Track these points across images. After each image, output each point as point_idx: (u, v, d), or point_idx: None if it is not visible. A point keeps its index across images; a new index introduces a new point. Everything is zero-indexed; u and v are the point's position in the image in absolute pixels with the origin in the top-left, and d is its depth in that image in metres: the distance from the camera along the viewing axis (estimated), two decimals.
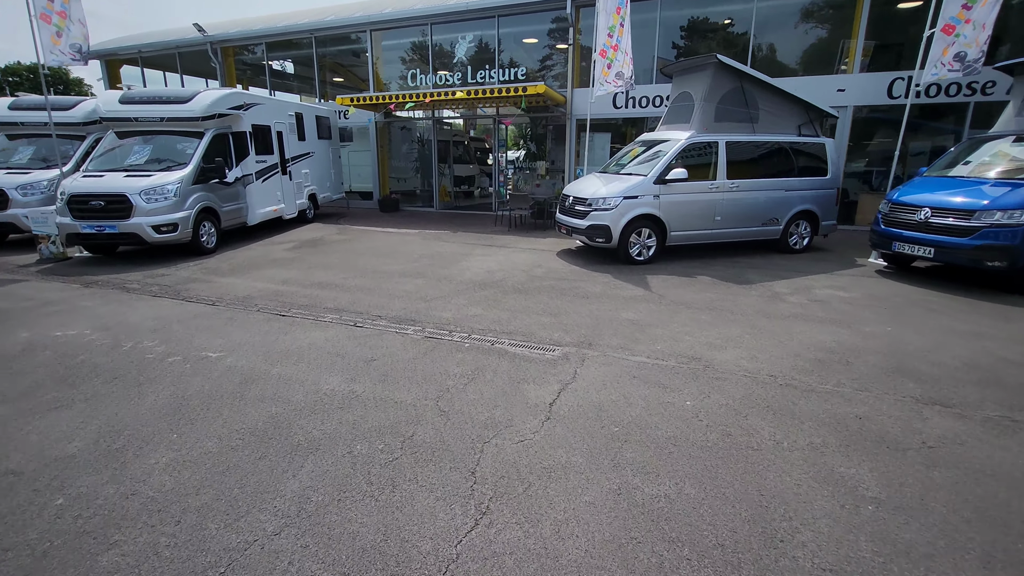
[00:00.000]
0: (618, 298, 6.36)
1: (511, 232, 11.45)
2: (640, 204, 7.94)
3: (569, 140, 13.22)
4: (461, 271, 7.77)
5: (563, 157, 14.04)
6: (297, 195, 12.17)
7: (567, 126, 13.21)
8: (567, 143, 13.27)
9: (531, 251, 9.32)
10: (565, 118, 13.16)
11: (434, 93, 12.29)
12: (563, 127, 13.86)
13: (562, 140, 14.03)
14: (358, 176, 16.74)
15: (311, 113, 12.98)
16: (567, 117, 13.11)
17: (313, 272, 7.74)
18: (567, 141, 13.26)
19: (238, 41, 16.63)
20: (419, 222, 13.17)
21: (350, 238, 10.72)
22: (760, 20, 11.78)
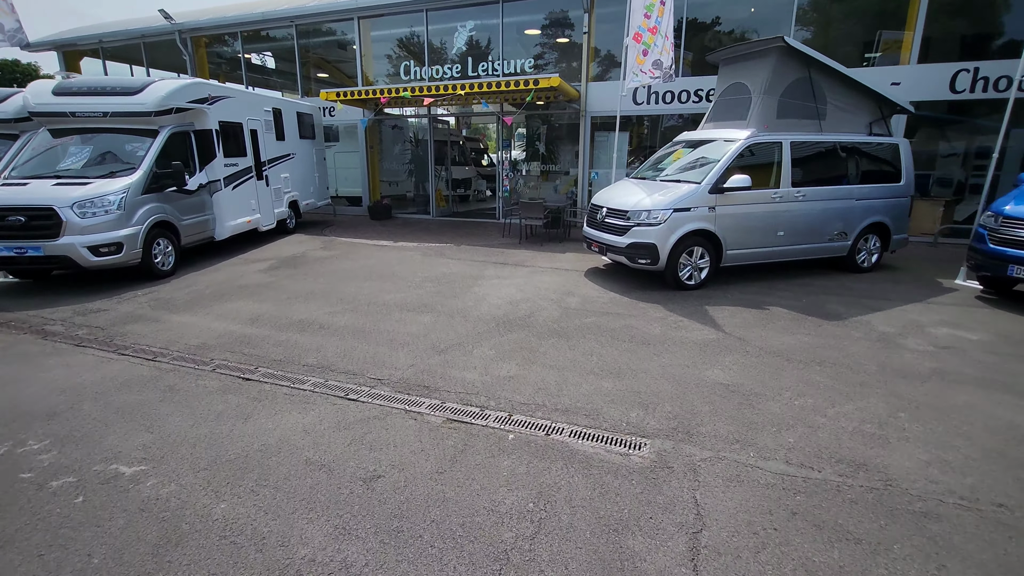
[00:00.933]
0: (688, 344, 4.86)
1: (523, 245, 9.91)
2: (693, 218, 6.46)
3: (583, 140, 11.71)
4: (476, 301, 6.22)
5: (574, 159, 12.52)
6: (275, 203, 10.48)
7: (581, 124, 11.70)
8: (581, 143, 11.76)
9: (553, 271, 7.79)
10: (579, 115, 11.64)
11: (432, 87, 10.69)
12: (575, 126, 12.34)
13: (572, 140, 12.52)
14: (345, 179, 15.05)
15: (291, 109, 11.29)
16: (581, 114, 11.59)
17: (291, 305, 6.13)
18: (581, 141, 11.75)
19: (210, 30, 14.82)
20: (415, 232, 11.56)
21: (337, 254, 9.09)
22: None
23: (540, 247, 9.69)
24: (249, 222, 9.46)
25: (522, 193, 17.92)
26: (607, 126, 12.04)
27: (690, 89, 10.74)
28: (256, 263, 8.37)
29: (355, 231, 11.62)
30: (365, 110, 13.19)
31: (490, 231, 11.60)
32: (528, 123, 13.39)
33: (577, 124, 12.38)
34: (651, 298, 6.36)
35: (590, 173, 11.98)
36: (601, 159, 12.09)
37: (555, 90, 10.64)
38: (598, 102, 11.51)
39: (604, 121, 11.91)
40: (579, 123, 11.89)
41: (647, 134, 12.44)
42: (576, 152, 12.54)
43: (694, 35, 11.12)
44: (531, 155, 12.71)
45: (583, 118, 11.65)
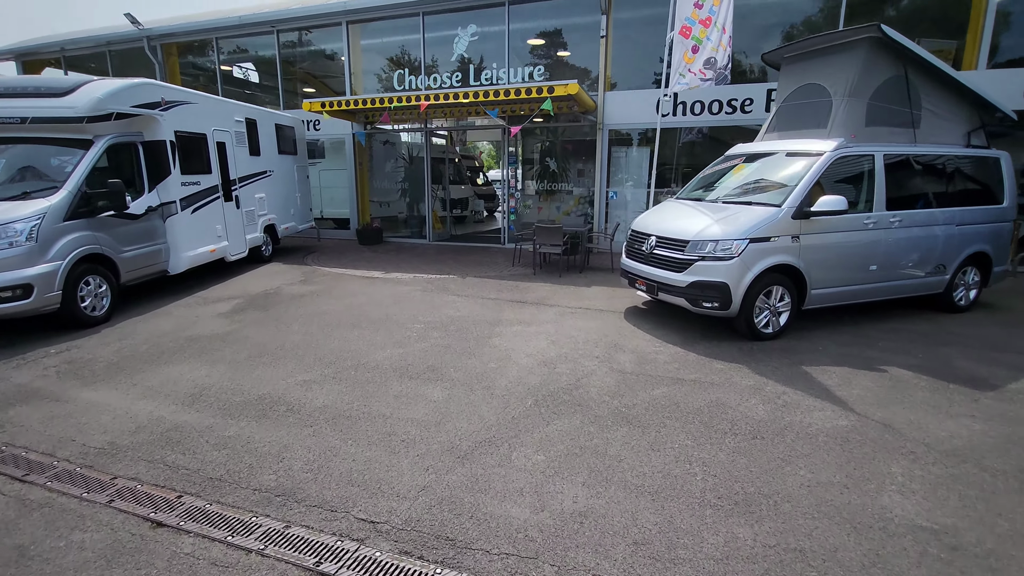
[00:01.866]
0: (817, 437, 3.35)
1: (539, 276, 8.40)
2: (773, 250, 5.01)
3: (600, 155, 10.33)
4: (500, 361, 4.67)
5: (578, 176, 11.13)
6: (247, 228, 8.88)
7: (597, 138, 10.33)
8: (598, 159, 10.38)
9: (586, 313, 6.28)
10: (596, 128, 10.28)
11: (432, 95, 9.26)
12: (584, 141, 10.98)
13: (581, 156, 11.14)
14: (331, 200, 13.49)
15: (269, 121, 9.77)
16: (598, 127, 10.24)
17: (252, 369, 4.52)
18: (598, 157, 10.37)
19: (182, 36, 13.31)
20: (411, 259, 10.00)
21: (319, 289, 7.49)
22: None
23: (559, 279, 8.19)
24: (213, 251, 7.83)
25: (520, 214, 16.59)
26: (624, 141, 10.70)
27: (722, 99, 9.44)
28: (217, 303, 6.73)
29: (341, 259, 10.03)
30: (355, 123, 11.71)
31: (496, 258, 10.09)
32: (533, 138, 12.00)
33: (588, 139, 11.04)
34: (725, 353, 4.86)
35: (607, 193, 10.58)
36: (618, 177, 10.72)
37: (572, 99, 9.27)
38: (616, 113, 10.17)
39: (623, 135, 10.58)
40: (594, 137, 10.52)
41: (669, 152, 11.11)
42: (580, 169, 11.15)
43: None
44: (540, 173, 11.28)
45: (600, 131, 10.29)
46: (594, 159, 10.61)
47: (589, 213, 10.86)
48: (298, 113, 11.74)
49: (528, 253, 10.01)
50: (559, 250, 8.33)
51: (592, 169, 10.89)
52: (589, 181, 11.20)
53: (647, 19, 10.23)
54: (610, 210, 10.70)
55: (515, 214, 11.29)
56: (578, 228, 9.00)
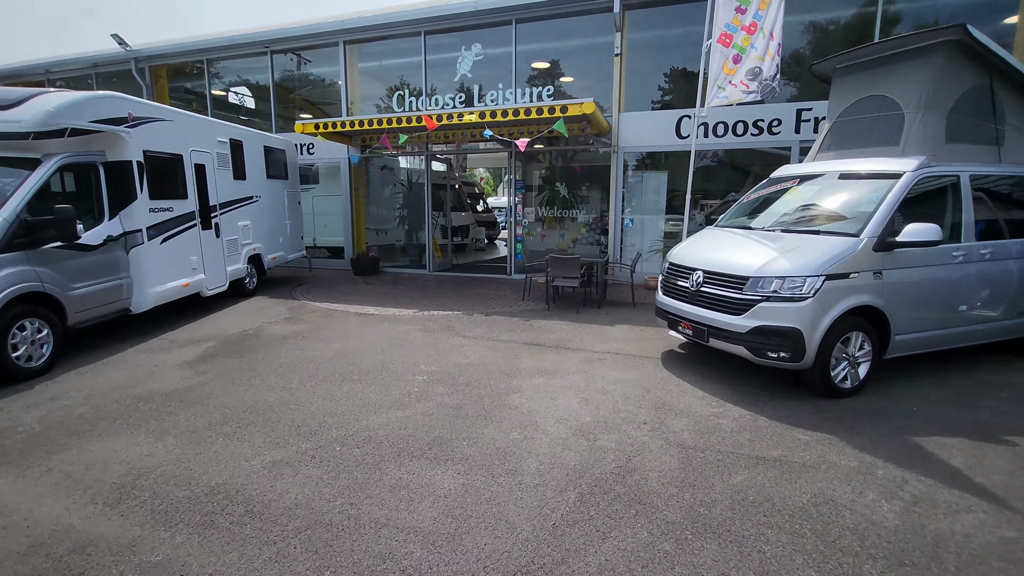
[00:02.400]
0: (989, 557, 2.37)
1: (554, 312, 7.46)
2: (854, 288, 4.11)
3: (616, 180, 9.53)
4: (524, 430, 3.68)
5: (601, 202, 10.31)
6: (228, 258, 7.94)
7: (612, 162, 9.56)
8: (613, 184, 9.57)
9: (615, 359, 5.32)
10: (611, 151, 9.51)
11: (434, 115, 8.48)
12: (602, 166, 10.22)
13: (596, 180, 10.36)
14: (325, 227, 12.60)
15: (257, 142, 8.94)
16: (612, 150, 9.47)
17: (208, 444, 3.51)
18: (613, 181, 9.57)
19: (172, 57, 12.62)
20: (410, 292, 9.06)
21: (305, 330, 6.51)
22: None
23: (577, 315, 7.25)
24: (186, 285, 6.86)
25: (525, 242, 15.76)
26: (640, 165, 9.92)
27: (747, 119, 8.71)
28: (184, 348, 5.73)
29: (334, 292, 9.07)
30: (351, 147, 10.93)
31: (503, 291, 9.15)
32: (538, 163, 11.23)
33: (600, 163, 10.29)
34: (802, 417, 3.90)
35: (623, 220, 9.74)
36: (634, 204, 9.90)
37: (586, 120, 8.52)
38: (633, 136, 9.42)
39: (641, 159, 9.81)
40: (606, 161, 9.75)
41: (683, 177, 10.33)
42: (589, 195, 10.35)
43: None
44: (550, 198, 10.46)
45: (615, 155, 9.51)
46: (605, 184, 9.81)
47: (603, 242, 10.00)
48: (292, 137, 10.96)
49: (539, 285, 9.11)
50: (576, 283, 7.41)
51: (603, 195, 10.10)
52: (601, 207, 10.39)
53: (664, 38, 9.62)
54: (626, 239, 9.84)
55: (522, 243, 10.42)
56: (594, 258, 8.11)
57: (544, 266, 7.88)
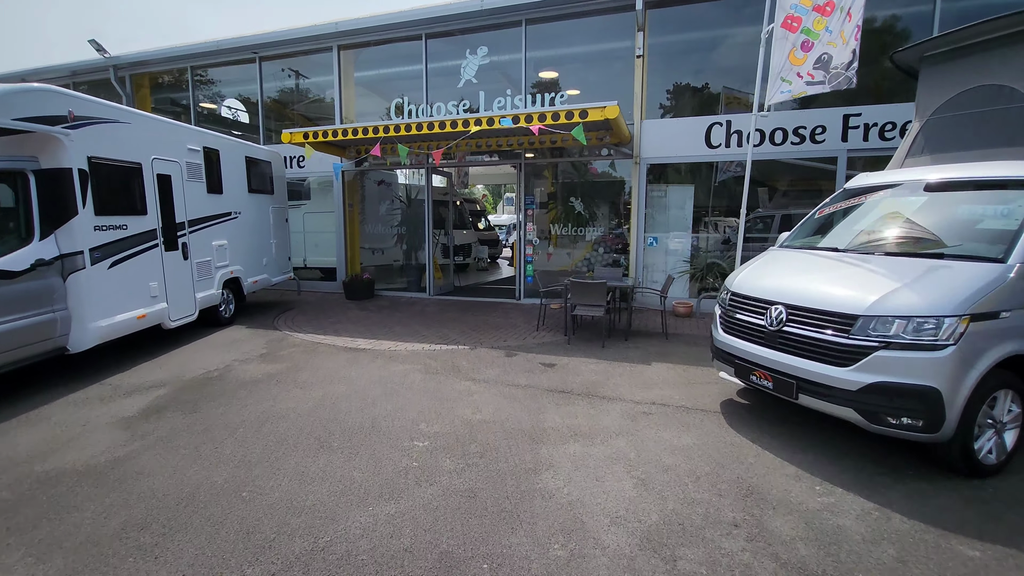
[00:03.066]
0: None
1: (576, 346, 6.36)
2: (1005, 332, 3.04)
3: (638, 195, 8.51)
4: (569, 539, 2.56)
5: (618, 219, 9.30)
6: (199, 283, 6.85)
7: (633, 174, 8.55)
8: (634, 199, 8.55)
9: (665, 411, 4.22)
10: (633, 162, 8.51)
11: (436, 123, 7.50)
12: (618, 178, 9.24)
13: (613, 195, 9.37)
14: (316, 247, 11.55)
15: (237, 152, 7.93)
16: (635, 161, 8.47)
17: (110, 567, 2.38)
18: (634, 196, 8.55)
19: (154, 64, 11.69)
20: (409, 320, 7.95)
21: (282, 370, 5.39)
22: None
23: (602, 349, 6.15)
24: (143, 317, 5.75)
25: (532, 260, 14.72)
26: (662, 178, 8.91)
27: (787, 126, 7.73)
28: (128, 397, 4.60)
29: (322, 320, 7.96)
30: (344, 159, 9.93)
31: (513, 318, 8.05)
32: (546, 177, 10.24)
33: (616, 176, 9.31)
34: (949, 514, 2.79)
35: (645, 238, 8.70)
36: (657, 220, 8.88)
37: (607, 126, 7.55)
38: (656, 145, 8.44)
39: (663, 169, 8.81)
40: (622, 173, 8.77)
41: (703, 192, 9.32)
42: (601, 212, 9.34)
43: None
44: (564, 215, 9.41)
45: (636, 166, 8.51)
46: (624, 199, 8.80)
47: (622, 262, 8.95)
48: (280, 148, 9.97)
49: (554, 312, 8.03)
50: (601, 311, 6.33)
51: (622, 210, 9.09)
52: (616, 224, 9.38)
53: (691, 40, 8.71)
54: (647, 259, 8.79)
55: (532, 264, 9.36)
56: (619, 282, 7.03)
57: (562, 291, 6.81)
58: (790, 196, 9.60)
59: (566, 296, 6.72)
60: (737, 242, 6.32)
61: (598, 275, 7.51)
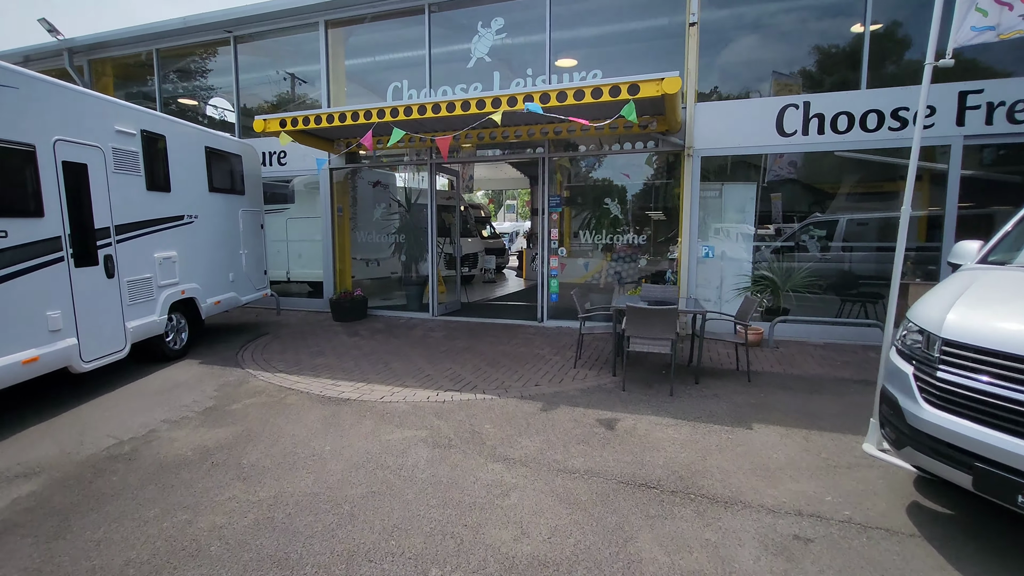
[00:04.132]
0: None
1: (633, 391, 4.67)
2: None
3: (690, 194, 6.86)
4: None
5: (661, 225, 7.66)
6: (133, 309, 5.15)
7: (684, 169, 6.92)
8: (686, 199, 6.89)
9: (823, 529, 2.53)
10: (684, 154, 6.86)
11: (444, 103, 5.87)
12: (660, 174, 7.61)
13: (659, 194, 7.72)
14: (300, 258, 9.86)
15: (193, 141, 6.26)
16: (686, 153, 6.83)
17: None
18: (685, 196, 6.90)
19: (115, 47, 10.03)
20: (410, 352, 6.26)
21: (228, 440, 3.69)
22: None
23: (671, 399, 4.46)
24: (31, 361, 4.03)
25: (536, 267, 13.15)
26: (719, 174, 7.27)
27: (883, 108, 6.11)
28: None
29: (301, 349, 6.25)
30: (332, 154, 8.28)
31: (538, 346, 6.36)
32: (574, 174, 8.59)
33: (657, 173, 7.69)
34: None
35: (700, 248, 7.03)
36: (710, 226, 7.24)
37: (659, 107, 5.93)
38: (713, 133, 6.80)
39: (720, 163, 7.19)
40: (667, 169, 7.15)
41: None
42: (643, 215, 7.67)
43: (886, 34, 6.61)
44: (598, 220, 7.73)
45: (688, 159, 6.87)
46: (670, 200, 7.14)
47: (671, 277, 7.27)
48: (259, 143, 8.32)
49: (591, 339, 6.37)
50: (667, 348, 4.64)
51: (666, 214, 7.45)
52: (656, 230, 7.74)
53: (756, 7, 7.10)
54: (699, 273, 7.12)
55: (557, 279, 7.68)
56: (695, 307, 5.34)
57: (609, 315, 5.14)
58: (852, 198, 8.04)
59: (618, 323, 5.05)
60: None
61: (648, 294, 5.83)
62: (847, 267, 7.74)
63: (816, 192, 8.14)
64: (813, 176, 7.57)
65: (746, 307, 5.17)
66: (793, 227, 8.00)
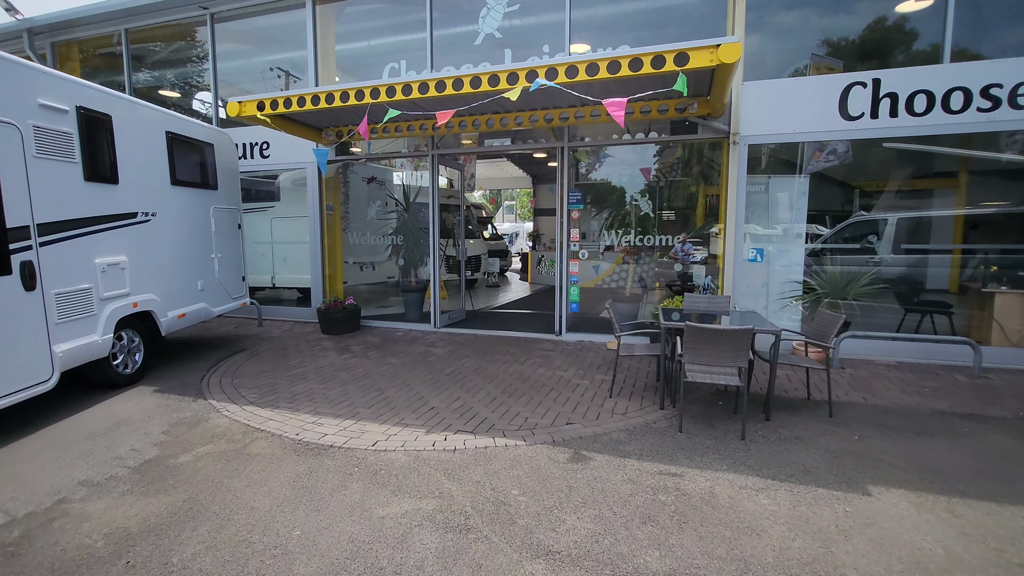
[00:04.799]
0: None
1: (694, 438, 3.67)
2: None
3: (736, 188, 5.86)
4: None
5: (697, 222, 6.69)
6: (63, 328, 4.12)
7: (727, 158, 5.93)
8: (730, 194, 5.90)
9: None
10: (728, 141, 5.87)
11: (447, 80, 4.87)
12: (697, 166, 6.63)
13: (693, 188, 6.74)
14: (285, 261, 8.83)
15: (148, 123, 5.23)
16: (732, 139, 5.84)
17: None
18: (731, 190, 5.90)
19: (80, 26, 8.96)
20: (409, 375, 5.25)
21: (158, 520, 2.66)
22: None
23: (744, 444, 3.46)
24: None
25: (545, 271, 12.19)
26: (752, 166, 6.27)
27: (971, 86, 5.13)
28: None
29: (279, 372, 5.22)
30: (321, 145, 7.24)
31: (559, 366, 5.35)
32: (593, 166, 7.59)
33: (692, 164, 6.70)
34: None
35: (746, 250, 6.04)
36: (755, 224, 6.25)
37: (702, 89, 4.94)
38: (763, 117, 5.81)
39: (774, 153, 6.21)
40: (725, 156, 6.15)
41: None
42: (637, 215, 6.67)
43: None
44: (622, 217, 6.73)
45: (734, 147, 5.87)
46: (727, 192, 6.14)
47: (710, 285, 6.27)
48: (236, 133, 7.29)
49: (628, 361, 5.37)
50: (736, 378, 3.64)
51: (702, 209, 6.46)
52: (684, 228, 6.75)
53: None
54: (745, 280, 6.13)
55: (578, 285, 6.67)
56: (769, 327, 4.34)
57: (654, 331, 4.14)
58: (900, 195, 7.16)
59: (668, 345, 4.05)
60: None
61: (693, 305, 4.82)
62: (904, 272, 6.81)
63: (854, 189, 7.24)
64: (855, 170, 6.61)
65: (826, 324, 4.16)
66: (822, 228, 7.11)
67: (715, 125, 5.83)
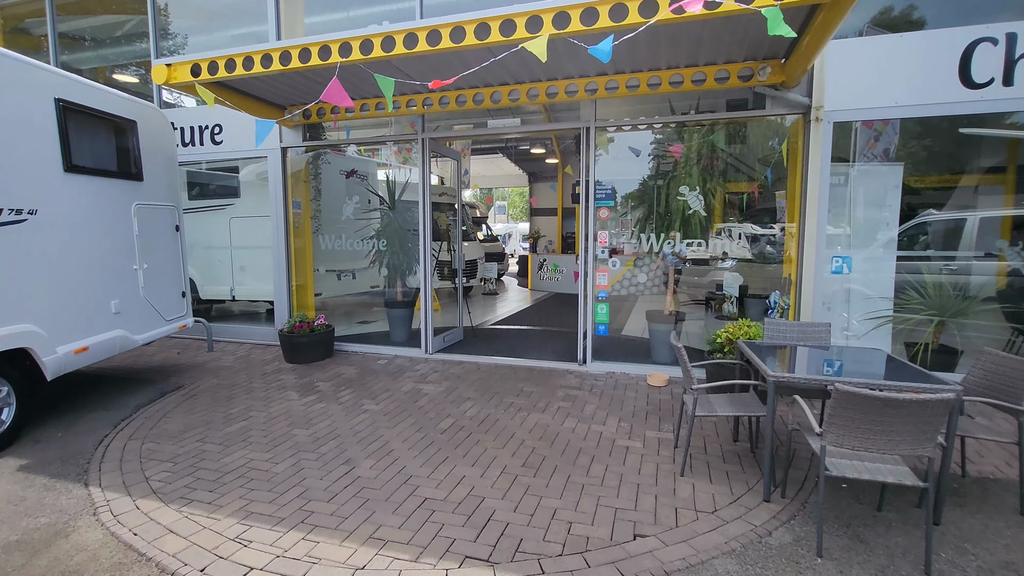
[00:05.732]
0: None
1: (837, 560, 2.28)
2: None
3: (819, 177, 4.49)
4: None
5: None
6: None
7: (804, 140, 4.57)
8: (812, 184, 4.53)
9: None
10: (809, 118, 4.50)
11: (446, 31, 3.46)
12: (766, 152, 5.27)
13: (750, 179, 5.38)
14: (245, 269, 7.29)
15: (26, 85, 3.72)
16: (815, 116, 4.47)
17: None
18: (810, 179, 4.53)
19: None
20: (390, 435, 3.80)
21: None
22: None
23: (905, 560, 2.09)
24: None
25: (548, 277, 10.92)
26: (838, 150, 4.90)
27: None
28: None
29: (213, 430, 3.73)
30: (284, 127, 5.76)
31: (596, 418, 3.92)
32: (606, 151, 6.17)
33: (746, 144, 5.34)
34: None
35: (832, 260, 4.66)
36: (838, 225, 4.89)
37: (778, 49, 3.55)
38: (853, 87, 4.42)
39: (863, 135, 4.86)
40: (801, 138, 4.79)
41: None
42: (685, 214, 5.26)
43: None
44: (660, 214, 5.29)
45: (816, 125, 4.48)
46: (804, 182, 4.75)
47: (775, 302, 4.88)
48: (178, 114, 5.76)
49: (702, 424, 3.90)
50: (910, 476, 2.25)
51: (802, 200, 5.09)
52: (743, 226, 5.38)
53: None
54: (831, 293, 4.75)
55: (607, 304, 5.25)
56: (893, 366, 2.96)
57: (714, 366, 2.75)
58: (967, 190, 5.93)
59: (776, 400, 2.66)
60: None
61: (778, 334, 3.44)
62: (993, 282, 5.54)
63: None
64: (920, 158, 5.32)
65: (1010, 371, 2.78)
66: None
67: (791, 97, 4.43)
